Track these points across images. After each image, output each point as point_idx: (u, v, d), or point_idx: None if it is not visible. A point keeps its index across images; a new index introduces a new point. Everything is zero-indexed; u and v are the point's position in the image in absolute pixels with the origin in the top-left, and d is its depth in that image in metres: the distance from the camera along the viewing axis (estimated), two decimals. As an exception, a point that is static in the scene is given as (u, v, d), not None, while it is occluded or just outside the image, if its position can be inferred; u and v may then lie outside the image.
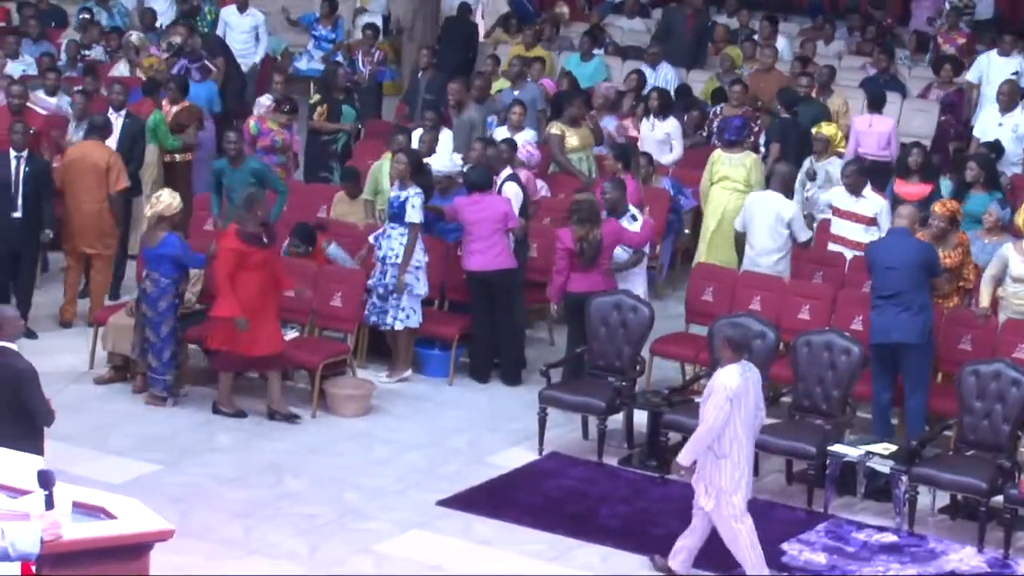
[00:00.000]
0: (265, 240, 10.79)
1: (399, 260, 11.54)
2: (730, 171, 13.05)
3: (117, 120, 13.24)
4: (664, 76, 16.84)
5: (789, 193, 12.22)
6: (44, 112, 13.93)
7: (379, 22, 19.39)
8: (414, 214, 11.54)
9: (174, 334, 11.12)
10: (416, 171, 11.69)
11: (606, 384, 10.57)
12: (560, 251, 11.22)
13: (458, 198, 11.86)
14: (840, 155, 13.48)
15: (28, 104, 13.40)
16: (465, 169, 12.51)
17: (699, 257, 12.87)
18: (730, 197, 12.85)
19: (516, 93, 15.05)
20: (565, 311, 11.35)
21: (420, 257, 11.65)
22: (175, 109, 14.18)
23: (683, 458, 8.83)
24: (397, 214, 11.57)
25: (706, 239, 12.92)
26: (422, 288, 11.66)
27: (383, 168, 12.56)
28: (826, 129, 13.41)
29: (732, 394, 8.63)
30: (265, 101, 14.57)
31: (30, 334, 11.71)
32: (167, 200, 11.14)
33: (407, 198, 11.52)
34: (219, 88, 15.77)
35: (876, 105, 15.17)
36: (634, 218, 11.66)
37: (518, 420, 11.04)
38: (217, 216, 12.50)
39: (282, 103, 13.92)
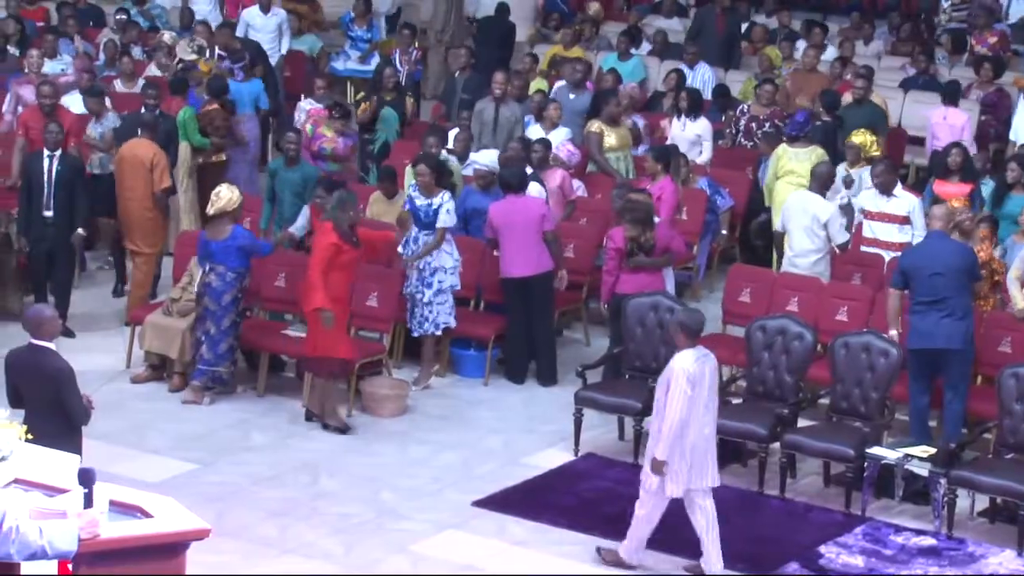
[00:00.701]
0: (355, 240, 10.74)
1: (433, 264, 11.51)
2: (796, 165, 13.03)
3: None
4: (702, 76, 16.81)
5: (827, 194, 12.17)
6: (67, 83, 14.10)
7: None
8: (448, 219, 11.54)
9: (235, 328, 11.17)
10: (439, 177, 11.62)
11: (642, 385, 10.52)
12: (611, 251, 11.18)
13: (492, 206, 11.79)
14: (872, 161, 13.30)
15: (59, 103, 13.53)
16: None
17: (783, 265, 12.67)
18: (795, 191, 12.82)
19: (572, 97, 15.06)
20: (611, 312, 11.27)
21: (458, 256, 11.64)
22: (206, 109, 14.21)
23: (660, 453, 8.76)
24: (432, 221, 11.54)
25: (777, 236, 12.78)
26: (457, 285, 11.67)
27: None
28: (856, 137, 13.27)
29: (691, 376, 8.66)
30: (306, 106, 14.50)
31: (68, 333, 11.77)
32: (227, 195, 11.19)
33: (440, 205, 11.50)
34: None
35: (951, 97, 15.08)
36: None
37: (554, 421, 11.02)
38: (264, 229, 12.42)
39: (333, 109, 13.75)
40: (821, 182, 12.01)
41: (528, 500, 9.90)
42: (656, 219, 11.42)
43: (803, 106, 15.06)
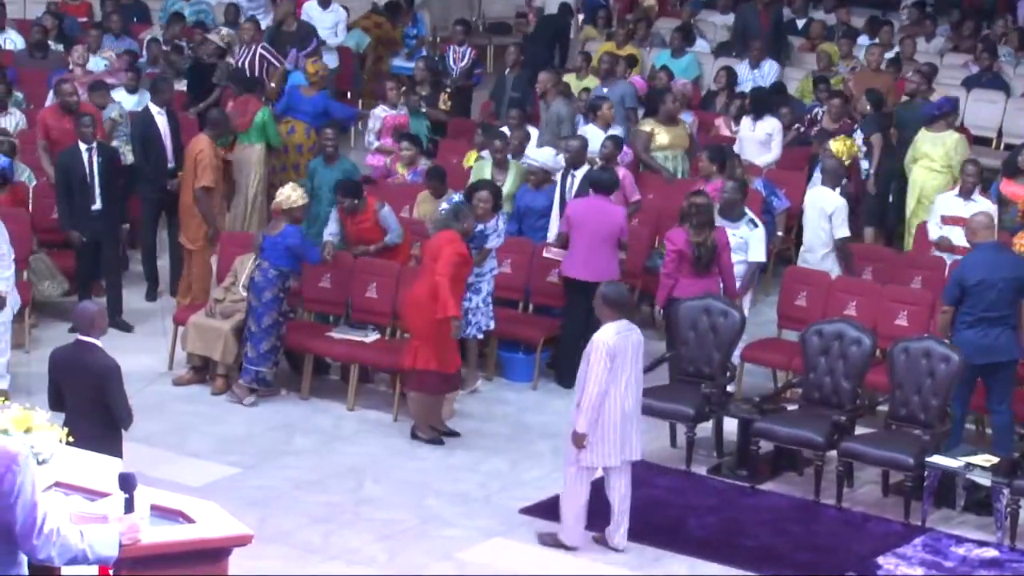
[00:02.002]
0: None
1: (478, 279, 11.39)
2: (930, 149, 13.08)
3: (160, 115, 13.17)
4: (769, 73, 16.72)
5: (838, 187, 12.09)
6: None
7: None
8: (497, 241, 11.53)
9: (276, 328, 11.19)
10: (496, 205, 11.54)
11: (695, 391, 10.49)
12: (671, 253, 11.11)
13: (571, 202, 11.73)
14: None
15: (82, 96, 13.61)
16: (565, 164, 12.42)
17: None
18: (927, 176, 12.85)
19: (605, 90, 15.05)
20: (667, 318, 11.22)
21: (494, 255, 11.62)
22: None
23: (580, 426, 9.02)
24: (481, 243, 11.41)
25: (907, 221, 12.78)
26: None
27: (483, 167, 12.61)
28: (833, 144, 13.07)
29: (610, 350, 8.88)
30: (380, 112, 14.43)
31: (125, 327, 12.19)
32: (286, 193, 11.28)
33: (494, 230, 11.47)
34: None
35: None
36: (754, 223, 11.65)
37: (604, 426, 11.03)
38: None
39: (405, 143, 13.36)
40: (831, 175, 12.03)
41: (577, 507, 9.89)
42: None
43: (836, 124, 14.96)
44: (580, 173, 12.21)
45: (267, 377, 11.27)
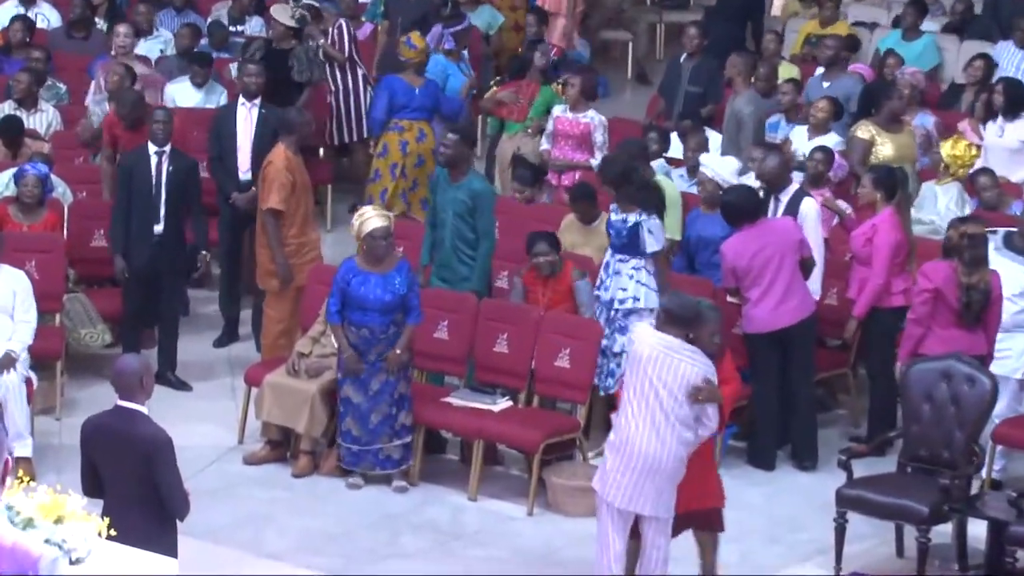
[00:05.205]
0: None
1: (637, 304, 11.30)
2: None
3: (251, 111, 13.18)
4: None
5: None
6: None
7: None
8: (653, 242, 11.39)
9: (390, 393, 11.11)
10: (636, 191, 11.38)
11: (929, 482, 10.17)
12: (924, 293, 10.90)
13: (725, 245, 11.63)
14: (960, 181, 12.85)
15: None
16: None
17: None
18: None
19: (826, 85, 14.94)
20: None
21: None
22: None
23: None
24: (627, 244, 11.38)
25: None
26: None
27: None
28: (944, 149, 12.83)
29: (636, 350, 9.46)
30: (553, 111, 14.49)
31: (181, 385, 12.37)
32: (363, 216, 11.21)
33: (637, 223, 11.34)
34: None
35: None
36: None
37: (807, 527, 10.88)
38: (425, 265, 12.11)
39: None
40: None
41: (775, 634, 9.81)
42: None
43: None
44: (787, 197, 12.03)
45: (394, 456, 11.19)
